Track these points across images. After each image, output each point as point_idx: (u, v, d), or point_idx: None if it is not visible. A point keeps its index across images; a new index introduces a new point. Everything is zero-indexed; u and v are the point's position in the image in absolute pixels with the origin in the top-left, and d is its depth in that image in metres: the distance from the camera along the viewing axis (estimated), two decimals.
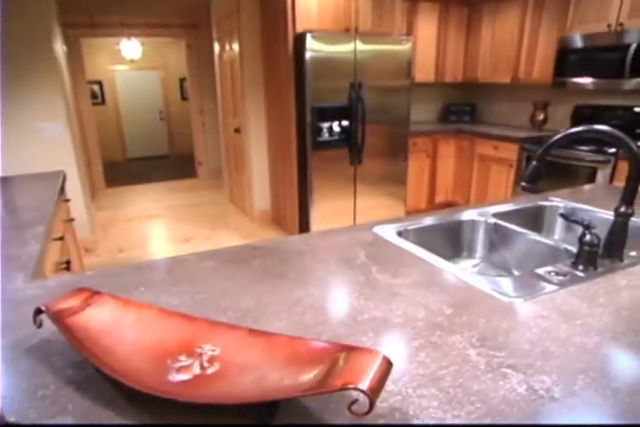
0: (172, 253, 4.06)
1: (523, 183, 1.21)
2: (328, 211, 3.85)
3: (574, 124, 4.05)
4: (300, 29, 3.50)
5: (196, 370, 0.75)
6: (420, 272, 1.17)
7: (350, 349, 0.66)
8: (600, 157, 3.23)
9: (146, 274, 1.21)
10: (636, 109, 3.56)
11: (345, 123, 3.66)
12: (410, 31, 4.28)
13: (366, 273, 1.17)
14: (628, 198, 1.16)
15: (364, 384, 0.57)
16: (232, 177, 5.41)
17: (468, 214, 1.63)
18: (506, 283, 1.09)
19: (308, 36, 3.37)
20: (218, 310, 1.00)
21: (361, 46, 3.56)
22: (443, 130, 4.42)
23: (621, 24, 3.27)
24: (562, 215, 1.20)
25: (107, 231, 4.70)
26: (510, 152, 3.92)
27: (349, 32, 3.69)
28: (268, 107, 4.32)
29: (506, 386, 0.73)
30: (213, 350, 0.79)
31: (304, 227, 3.96)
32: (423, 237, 1.53)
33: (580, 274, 1.14)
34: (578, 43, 3.55)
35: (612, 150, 3.18)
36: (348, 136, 3.70)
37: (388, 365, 0.62)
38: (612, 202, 1.79)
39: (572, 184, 3.42)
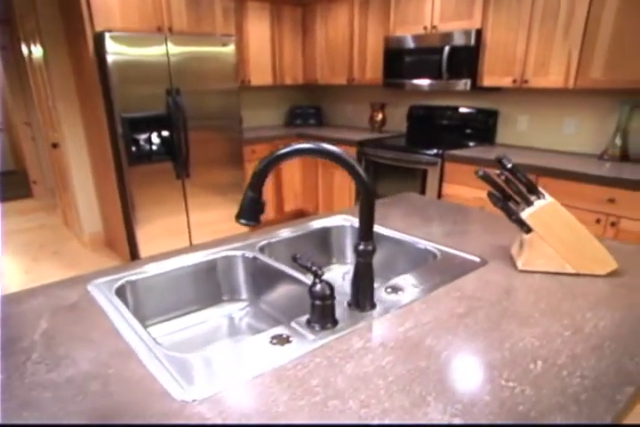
0: None
1: (242, 221, 0.94)
2: (157, 231, 3.43)
3: (411, 125, 4.03)
4: (100, 28, 3.04)
5: None
6: (97, 356, 0.84)
7: None
8: (428, 159, 3.17)
9: None
10: (462, 110, 3.59)
11: (165, 133, 3.27)
12: (240, 32, 3.99)
13: (18, 365, 0.82)
14: (365, 233, 0.93)
15: None
16: (62, 197, 4.76)
17: (233, 246, 1.34)
18: (198, 364, 0.80)
19: (107, 37, 2.93)
20: None
21: (175, 48, 3.19)
22: (284, 135, 4.19)
23: (435, 27, 3.24)
24: (293, 258, 0.94)
25: None
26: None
27: (162, 32, 3.30)
28: (85, 118, 3.79)
29: None
30: None
31: (134, 250, 3.51)
32: (165, 286, 1.21)
33: (311, 336, 0.88)
34: (402, 44, 3.48)
35: (434, 151, 3.14)
36: (170, 148, 3.31)
37: None
38: (408, 219, 1.62)
39: (411, 186, 3.35)
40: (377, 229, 1.51)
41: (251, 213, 0.93)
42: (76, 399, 0.73)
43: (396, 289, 1.09)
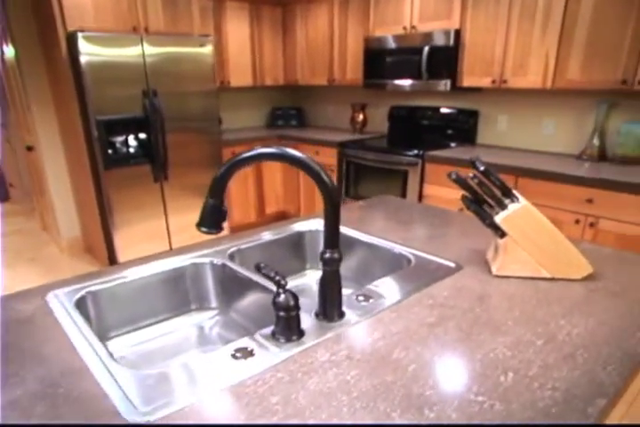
0: None
1: (203, 229, 0.90)
2: (136, 235, 3.37)
3: (392, 126, 4.01)
4: (72, 28, 2.97)
5: None
6: (48, 374, 0.79)
7: None
8: (408, 160, 3.15)
9: None
10: (443, 110, 3.57)
11: (142, 136, 3.21)
12: (218, 32, 3.94)
13: None
14: (331, 241, 0.90)
15: None
16: (39, 201, 4.67)
17: (201, 253, 1.30)
18: (155, 382, 0.76)
19: (80, 37, 2.86)
20: None
21: (151, 49, 3.13)
22: (264, 136, 4.14)
23: (414, 27, 3.23)
24: (257, 267, 0.90)
25: None
26: (330, 157, 3.76)
27: (138, 32, 3.23)
28: (60, 120, 3.70)
29: None
30: None
31: (112, 256, 3.44)
32: (130, 295, 1.17)
33: (275, 349, 0.85)
34: (382, 44, 3.46)
35: (415, 152, 3.12)
36: (147, 150, 3.25)
37: None
38: (385, 223, 1.58)
39: (392, 187, 3.33)
40: (352, 233, 1.48)
41: (212, 220, 0.89)
42: (19, 424, 0.69)
43: (367, 297, 1.06)
